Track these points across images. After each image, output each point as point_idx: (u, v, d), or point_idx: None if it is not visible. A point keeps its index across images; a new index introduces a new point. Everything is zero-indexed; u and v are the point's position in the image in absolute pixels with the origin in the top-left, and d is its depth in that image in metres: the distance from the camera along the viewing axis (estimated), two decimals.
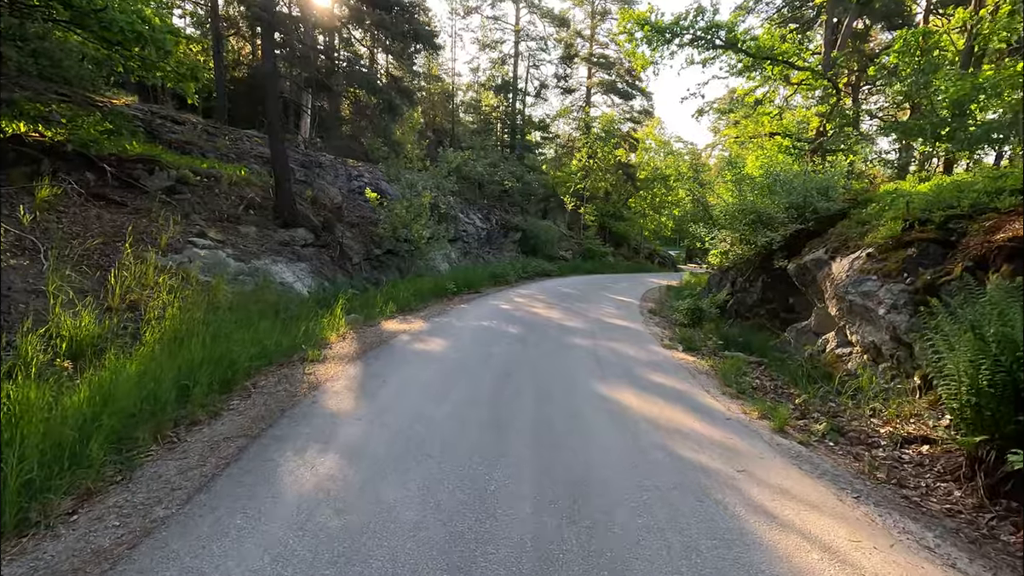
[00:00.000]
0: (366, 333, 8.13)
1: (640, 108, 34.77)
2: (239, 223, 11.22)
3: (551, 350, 7.66)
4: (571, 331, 9.31)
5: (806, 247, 8.32)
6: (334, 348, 7.08)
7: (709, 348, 8.48)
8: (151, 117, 13.90)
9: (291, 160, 15.84)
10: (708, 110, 30.55)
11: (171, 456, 3.78)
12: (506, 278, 17.15)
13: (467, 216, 20.74)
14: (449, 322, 9.43)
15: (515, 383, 5.88)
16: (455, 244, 18.70)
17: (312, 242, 12.56)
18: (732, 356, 7.79)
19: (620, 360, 7.37)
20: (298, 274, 10.63)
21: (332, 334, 7.57)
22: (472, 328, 8.99)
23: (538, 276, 20.10)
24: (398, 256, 14.46)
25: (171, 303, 6.91)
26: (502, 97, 30.18)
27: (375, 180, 17.55)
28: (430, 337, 8.09)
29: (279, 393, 5.18)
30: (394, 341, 7.66)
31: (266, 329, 6.82)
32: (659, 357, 7.78)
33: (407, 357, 6.79)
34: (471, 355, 7.03)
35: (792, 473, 3.96)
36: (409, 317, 9.78)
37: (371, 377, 5.81)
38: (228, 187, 11.96)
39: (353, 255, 13.44)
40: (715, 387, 6.35)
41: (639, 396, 5.67)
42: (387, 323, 9.08)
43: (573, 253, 26.73)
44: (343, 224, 14.26)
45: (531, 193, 25.60)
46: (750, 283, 9.66)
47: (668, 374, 6.78)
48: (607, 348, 8.07)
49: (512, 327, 9.24)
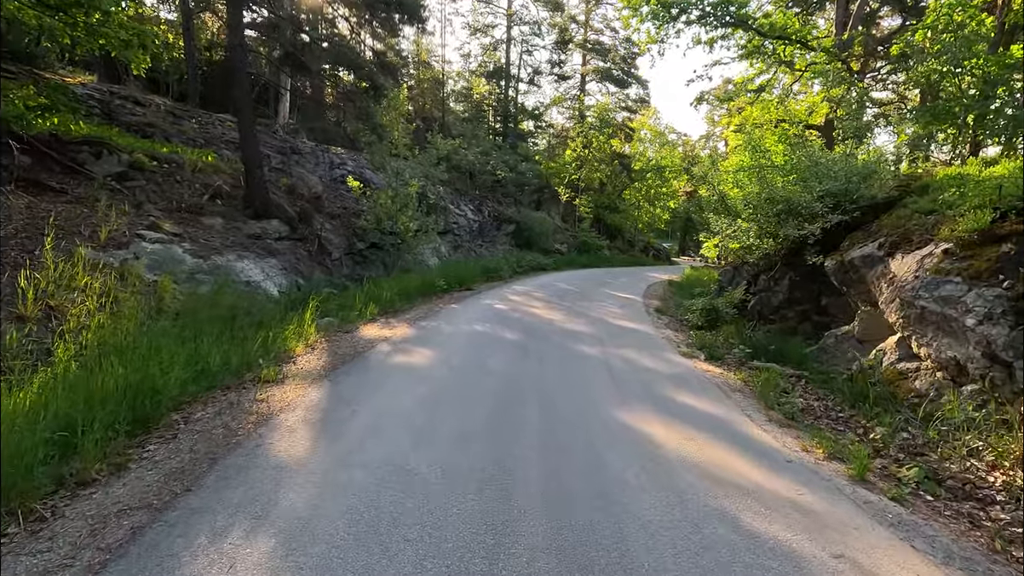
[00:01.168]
0: (340, 342, 6.92)
1: (636, 96, 33.55)
2: (202, 214, 9.93)
3: (557, 362, 6.50)
4: (576, 336, 8.16)
5: (846, 241, 7.21)
6: (299, 363, 5.87)
7: (735, 357, 7.37)
8: (109, 97, 12.50)
9: (267, 146, 14.50)
10: (708, 98, 29.43)
11: (28, 548, 2.58)
12: (500, 273, 15.96)
13: (458, 207, 19.48)
14: (438, 327, 8.24)
15: (518, 412, 4.71)
16: (445, 237, 17.47)
17: (287, 235, 11.30)
18: (765, 368, 6.69)
19: (637, 374, 6.23)
20: (268, 271, 9.37)
21: (298, 344, 6.35)
22: (464, 334, 7.81)
23: (533, 271, 18.92)
24: (383, 250, 13.21)
25: (100, 309, 5.67)
26: (494, 83, 28.77)
27: (359, 168, 16.23)
28: (415, 347, 6.90)
29: (215, 432, 3.97)
30: (372, 352, 6.45)
31: (216, 341, 5.60)
32: (681, 369, 6.65)
33: (386, 374, 5.59)
34: (463, 371, 5.85)
35: (908, 557, 2.84)
36: (392, 320, 8.57)
37: (338, 404, 4.61)
38: (192, 174, 10.66)
39: (333, 249, 12.19)
40: (756, 410, 5.23)
41: (670, 427, 4.53)
42: (366, 328, 7.87)
43: (568, 246, 25.57)
44: (323, 215, 12.98)
45: (525, 184, 24.35)
46: (775, 281, 8.56)
47: (697, 393, 5.65)
48: (619, 358, 6.92)
49: (510, 332, 8.07)
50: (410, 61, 30.47)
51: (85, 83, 12.76)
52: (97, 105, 11.86)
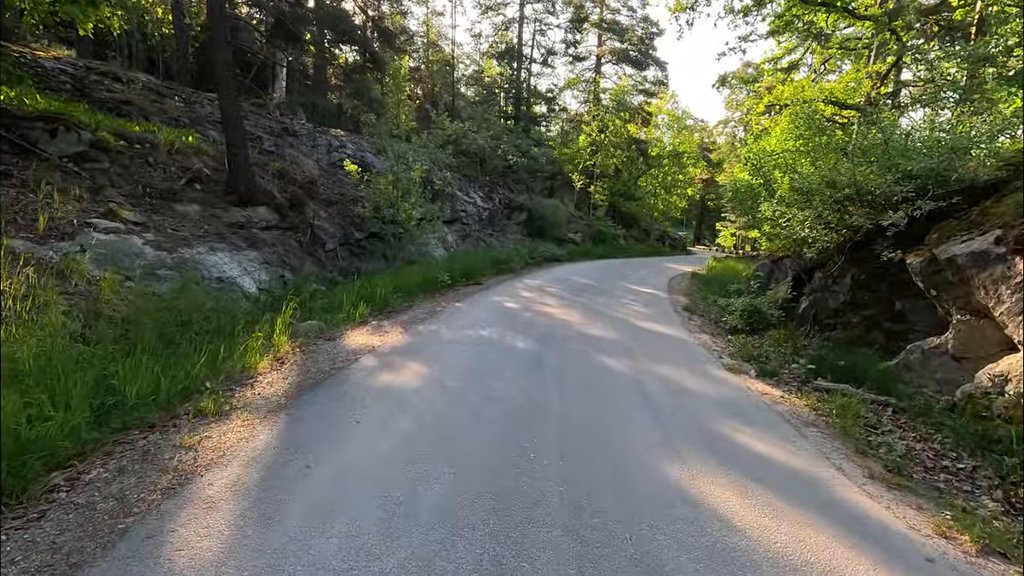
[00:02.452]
0: (317, 353, 5.69)
1: (654, 79, 31.74)
2: (176, 200, 8.74)
3: (579, 384, 5.22)
4: (598, 344, 6.87)
5: (934, 233, 5.81)
6: (258, 384, 4.65)
7: (793, 374, 6.04)
8: (85, 73, 11.31)
9: (259, 127, 13.28)
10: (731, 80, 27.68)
11: None
12: (511, 265, 14.67)
13: (467, 194, 18.16)
14: (437, 332, 6.98)
15: (531, 471, 3.44)
16: (452, 226, 16.18)
17: (276, 224, 10.10)
18: (835, 389, 5.36)
19: (680, 400, 4.93)
20: (247, 265, 8.17)
21: (263, 359, 5.13)
22: (467, 342, 6.54)
23: (546, 262, 17.59)
24: (383, 240, 11.97)
25: (15, 315, 4.50)
26: (505, 64, 27.17)
27: (360, 152, 14.96)
28: (406, 360, 5.65)
29: (101, 507, 2.75)
30: (352, 369, 5.21)
31: (155, 358, 4.40)
32: (731, 391, 5.34)
33: (363, 404, 4.34)
34: (462, 399, 4.59)
35: None
36: (385, 323, 7.33)
37: (289, 456, 3.38)
38: (168, 156, 9.46)
39: (327, 239, 10.97)
40: (846, 457, 3.92)
41: (744, 493, 3.24)
42: (353, 333, 6.64)
43: (583, 235, 24.15)
44: (317, 202, 11.76)
45: (538, 170, 22.91)
46: (833, 280, 7.18)
47: (761, 429, 4.35)
48: (654, 376, 5.62)
49: (521, 339, 6.80)
50: (419, 43, 29.03)
51: (60, 57, 11.60)
52: (69, 80, 10.67)
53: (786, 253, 10.33)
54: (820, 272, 7.49)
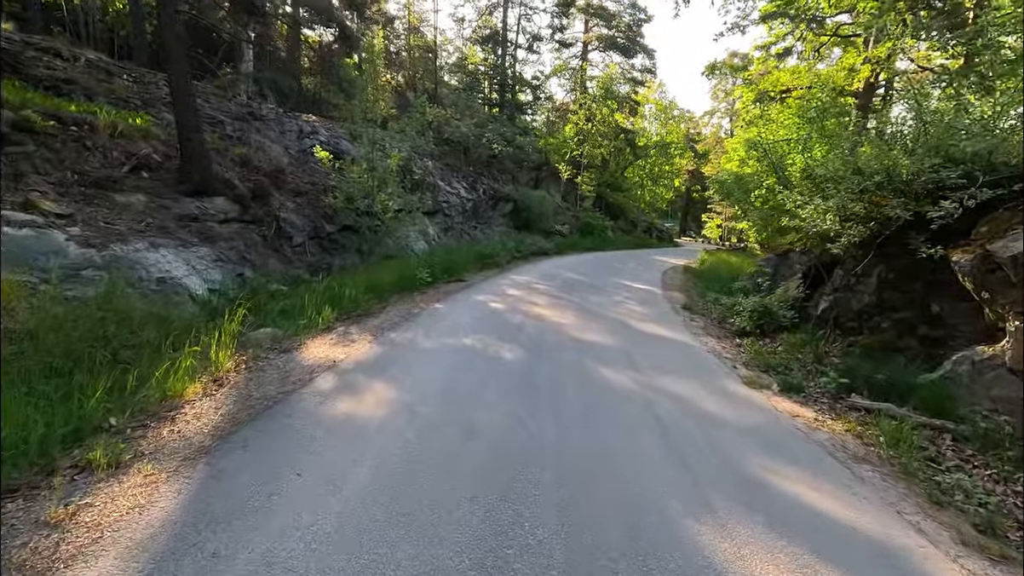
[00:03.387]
0: (266, 372, 4.71)
1: (641, 67, 30.80)
2: (117, 189, 7.65)
3: (579, 407, 4.32)
4: (597, 352, 5.98)
5: (983, 226, 5.01)
6: (181, 419, 3.67)
7: (820, 387, 5.22)
8: (21, 48, 10.06)
9: (221, 111, 12.11)
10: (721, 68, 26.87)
11: None
12: (496, 259, 13.71)
13: (449, 184, 17.11)
14: (411, 340, 6.02)
15: (524, 553, 2.55)
16: (434, 217, 15.15)
17: (236, 216, 9.03)
18: (876, 409, 4.55)
19: (701, 428, 4.06)
20: (196, 264, 7.12)
21: (193, 383, 4.14)
22: (446, 353, 5.60)
23: (533, 256, 16.66)
24: (358, 234, 10.95)
25: None
26: (489, 49, 25.99)
27: (334, 138, 13.84)
28: (372, 379, 4.69)
29: None
30: (304, 393, 4.25)
31: (49, 386, 3.41)
32: (758, 414, 4.49)
33: (307, 449, 3.38)
34: (436, 434, 3.66)
35: None
36: (354, 330, 6.36)
37: (193, 539, 2.41)
38: (110, 139, 8.33)
39: (295, 233, 9.91)
40: (922, 512, 3.08)
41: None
42: (314, 344, 5.66)
43: (570, 227, 23.24)
44: (285, 192, 10.67)
45: (524, 159, 21.89)
46: (857, 278, 6.37)
47: (807, 470, 3.49)
48: (666, 395, 4.75)
49: (508, 348, 5.88)
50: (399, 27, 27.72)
51: None
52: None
53: (791, 247, 9.54)
54: (840, 269, 6.67)
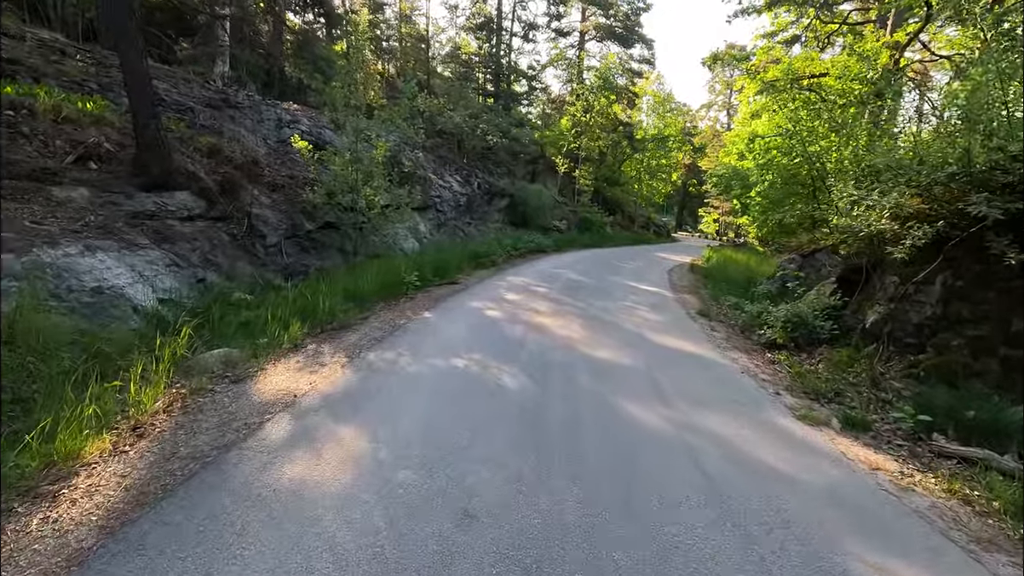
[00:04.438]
0: (207, 411, 3.70)
1: (639, 57, 29.69)
2: (56, 182, 6.57)
3: (602, 465, 3.33)
4: (614, 375, 5.00)
5: None
6: (68, 495, 2.66)
7: (889, 422, 4.27)
8: None
9: (192, 97, 10.99)
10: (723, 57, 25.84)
11: None
12: (492, 258, 12.70)
13: (442, 178, 16.04)
14: (393, 362, 5.01)
15: None
16: (426, 213, 14.10)
17: (201, 213, 7.99)
18: (974, 458, 3.61)
19: (764, 491, 3.08)
20: (144, 269, 6.06)
21: (100, 436, 3.12)
22: (435, 381, 4.60)
23: (531, 253, 15.65)
24: (341, 232, 9.90)
25: None
26: (484, 37, 24.80)
27: (316, 128, 12.74)
28: (339, 422, 3.69)
29: None
30: (247, 448, 3.24)
31: None
32: (828, 466, 3.53)
33: (237, 543, 2.38)
34: (416, 521, 2.66)
35: None
36: (326, 349, 5.34)
37: None
38: (52, 125, 7.26)
39: (269, 232, 8.85)
40: None
41: None
42: (275, 369, 4.64)
43: (568, 223, 22.23)
44: (260, 186, 9.59)
45: (520, 151, 20.82)
46: (916, 286, 5.44)
47: (918, 561, 2.55)
48: (706, 437, 3.78)
49: (509, 371, 4.89)
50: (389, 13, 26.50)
51: None
52: None
53: (818, 247, 8.60)
54: (894, 275, 5.71)
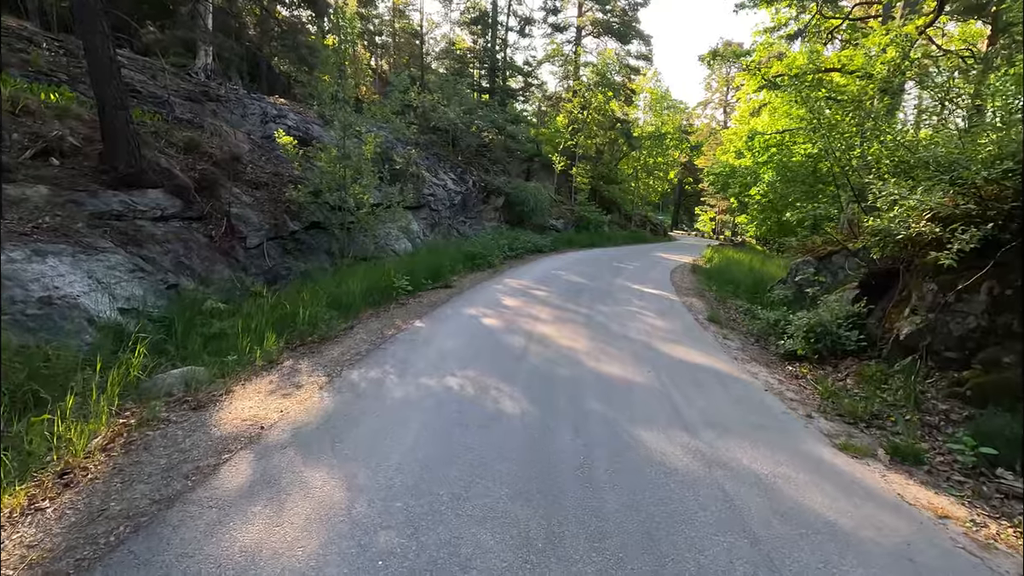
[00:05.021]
0: (156, 446, 3.12)
1: (637, 53, 29.12)
2: (11, 180, 5.96)
3: (623, 525, 2.81)
4: (627, 397, 4.46)
5: None
6: None
7: (943, 451, 3.74)
8: None
9: (171, 90, 10.35)
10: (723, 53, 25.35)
11: None
12: (488, 259, 12.12)
13: (436, 176, 15.44)
14: (379, 383, 4.44)
15: None
16: (419, 212, 13.51)
17: (177, 212, 7.39)
18: None
19: (825, 557, 2.57)
20: (104, 276, 5.46)
21: (17, 488, 2.55)
22: (425, 407, 4.03)
23: (528, 253, 15.10)
24: (328, 232, 9.31)
25: None
26: (479, 30, 24.13)
27: (304, 123, 12.12)
28: (310, 463, 3.12)
29: None
30: (194, 499, 2.67)
31: None
32: (893, 520, 2.98)
33: None
34: None
35: None
36: (303, 366, 4.76)
37: None
38: (11, 118, 6.65)
39: (250, 233, 8.25)
40: None
41: None
42: (245, 391, 4.07)
43: (565, 222, 21.67)
44: (241, 184, 8.99)
45: (516, 149, 20.22)
46: (958, 295, 4.92)
47: None
48: (745, 480, 3.24)
49: (509, 393, 4.33)
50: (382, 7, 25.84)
51: None
52: None
53: (834, 248, 8.08)
54: (932, 283, 5.18)
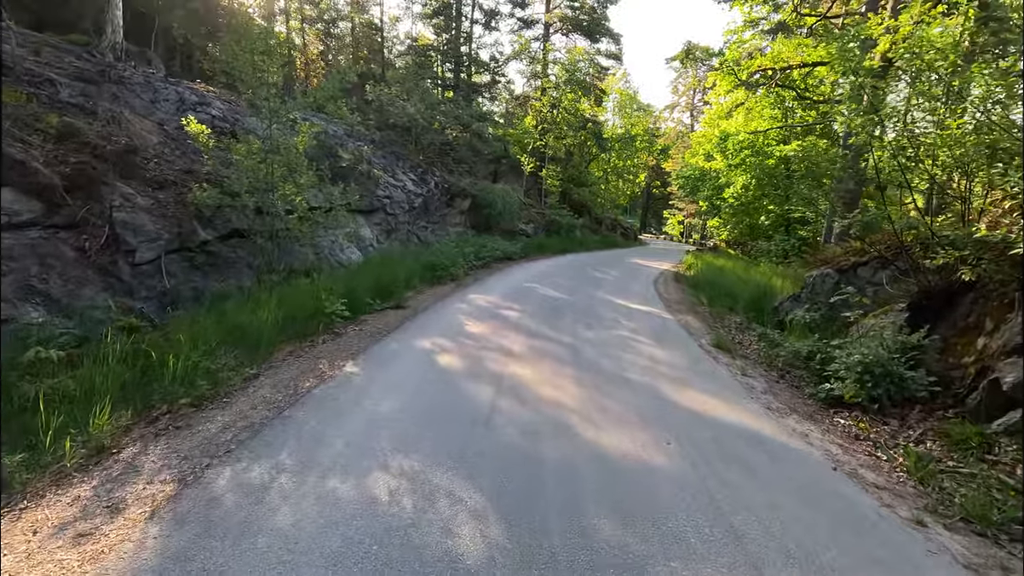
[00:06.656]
0: None
1: (607, 52, 28.02)
2: None
3: None
4: (655, 508, 2.95)
5: None
6: None
7: None
8: None
9: (58, 68, 8.37)
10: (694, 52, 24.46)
11: None
12: (451, 270, 10.49)
13: (394, 176, 13.71)
14: (259, 492, 2.79)
15: None
16: (373, 216, 11.77)
17: (37, 218, 5.58)
18: None
19: None
20: None
21: None
22: (325, 553, 2.43)
23: (496, 262, 13.53)
24: (253, 242, 7.53)
25: None
26: (442, 22, 22.46)
27: (232, 114, 10.23)
28: None
29: None
30: None
31: None
32: None
33: None
34: None
35: None
36: (153, 453, 3.08)
37: None
38: None
39: (141, 244, 6.38)
40: None
41: None
42: (22, 523, 2.38)
43: (535, 226, 20.21)
44: (136, 182, 7.09)
45: (482, 149, 18.66)
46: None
47: None
48: None
49: (467, 507, 2.76)
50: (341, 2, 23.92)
51: None
52: None
53: (860, 258, 6.82)
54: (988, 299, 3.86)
